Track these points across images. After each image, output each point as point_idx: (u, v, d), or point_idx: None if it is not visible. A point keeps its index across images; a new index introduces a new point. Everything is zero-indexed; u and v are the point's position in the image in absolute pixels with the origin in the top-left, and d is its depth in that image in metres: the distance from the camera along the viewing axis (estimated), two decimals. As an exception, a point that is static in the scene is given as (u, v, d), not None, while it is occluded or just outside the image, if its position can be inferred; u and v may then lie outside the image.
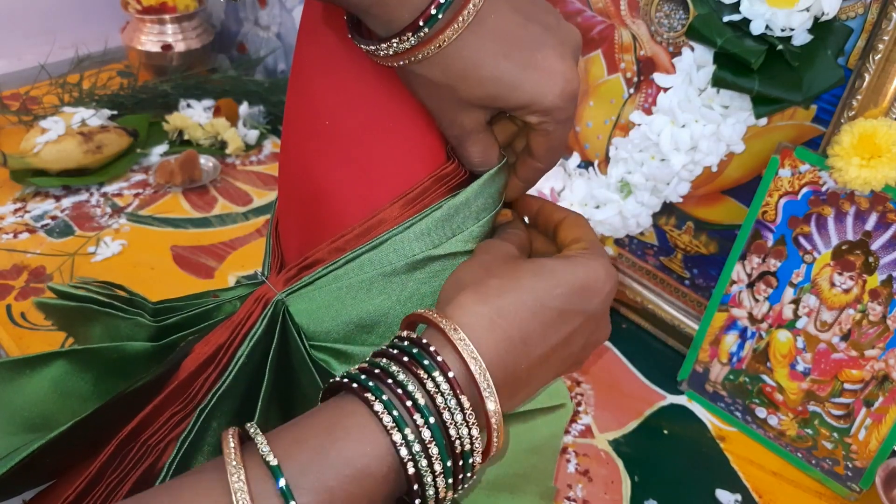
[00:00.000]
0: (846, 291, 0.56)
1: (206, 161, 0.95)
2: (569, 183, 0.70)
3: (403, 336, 0.33)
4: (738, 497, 0.59)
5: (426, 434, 0.30)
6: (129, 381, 0.43)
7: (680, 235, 0.70)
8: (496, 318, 0.33)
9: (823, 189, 0.55)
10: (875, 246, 0.54)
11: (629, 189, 0.65)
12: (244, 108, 1.03)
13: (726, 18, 0.53)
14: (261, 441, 0.29)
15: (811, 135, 0.58)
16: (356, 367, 0.33)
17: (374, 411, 0.30)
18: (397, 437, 0.30)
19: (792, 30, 0.51)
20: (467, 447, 0.31)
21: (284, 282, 0.41)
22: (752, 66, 0.51)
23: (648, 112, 0.65)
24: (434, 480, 0.30)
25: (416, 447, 0.30)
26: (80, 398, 0.46)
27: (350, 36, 0.36)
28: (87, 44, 1.17)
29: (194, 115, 1.00)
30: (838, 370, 0.58)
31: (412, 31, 0.32)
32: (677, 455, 0.62)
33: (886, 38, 0.51)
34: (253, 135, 1.01)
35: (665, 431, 0.65)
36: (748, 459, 0.62)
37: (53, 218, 0.84)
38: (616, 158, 0.65)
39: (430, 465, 0.30)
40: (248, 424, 0.30)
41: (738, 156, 0.62)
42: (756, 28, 0.52)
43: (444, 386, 0.31)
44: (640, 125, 0.61)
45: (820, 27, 0.52)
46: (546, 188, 0.69)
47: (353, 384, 0.31)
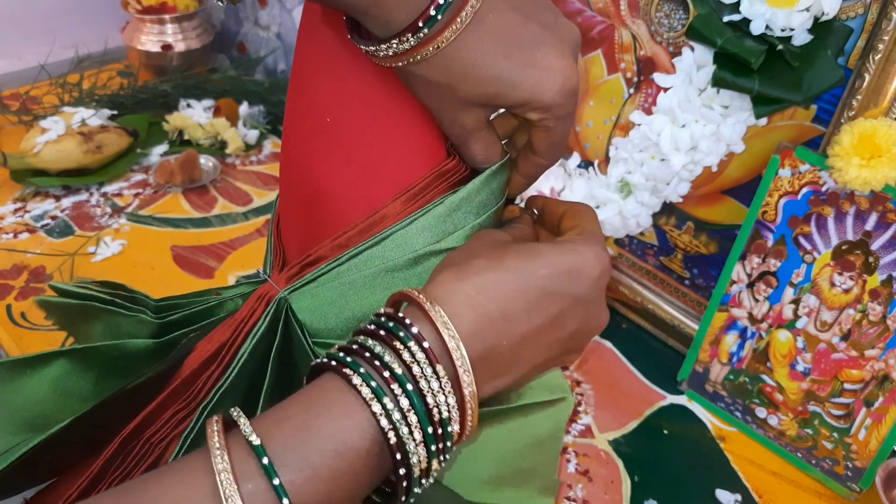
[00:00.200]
0: (846, 291, 0.56)
1: (206, 161, 0.95)
2: (569, 183, 0.70)
3: (381, 313, 0.34)
4: (738, 497, 0.59)
5: (404, 402, 0.30)
6: (131, 379, 0.43)
7: (680, 235, 0.70)
8: (474, 293, 0.33)
9: (823, 189, 0.56)
10: (875, 246, 0.54)
11: (629, 189, 0.65)
12: (244, 108, 1.03)
13: (726, 18, 0.54)
14: (244, 423, 0.29)
15: (811, 135, 0.58)
16: (336, 347, 0.33)
17: (353, 385, 0.30)
18: (377, 407, 0.30)
19: (792, 30, 0.51)
20: (445, 415, 0.31)
21: (286, 279, 0.42)
22: (752, 66, 0.52)
23: (648, 112, 0.65)
24: (416, 449, 0.31)
25: (396, 415, 0.30)
26: (80, 398, 0.46)
27: (349, 36, 0.36)
28: (87, 44, 1.17)
29: (194, 115, 1.00)
30: (838, 370, 0.58)
31: (411, 32, 0.32)
32: (677, 455, 0.62)
33: (886, 38, 0.51)
34: (253, 135, 1.01)
35: (665, 431, 0.65)
36: (748, 459, 0.62)
37: (53, 218, 0.84)
38: (616, 158, 0.65)
39: (410, 433, 0.30)
40: (232, 409, 0.30)
41: (738, 156, 0.62)
42: (756, 28, 0.52)
43: (419, 355, 0.31)
44: (640, 125, 0.61)
45: (820, 27, 0.52)
46: (546, 188, 0.69)
47: (333, 362, 0.32)
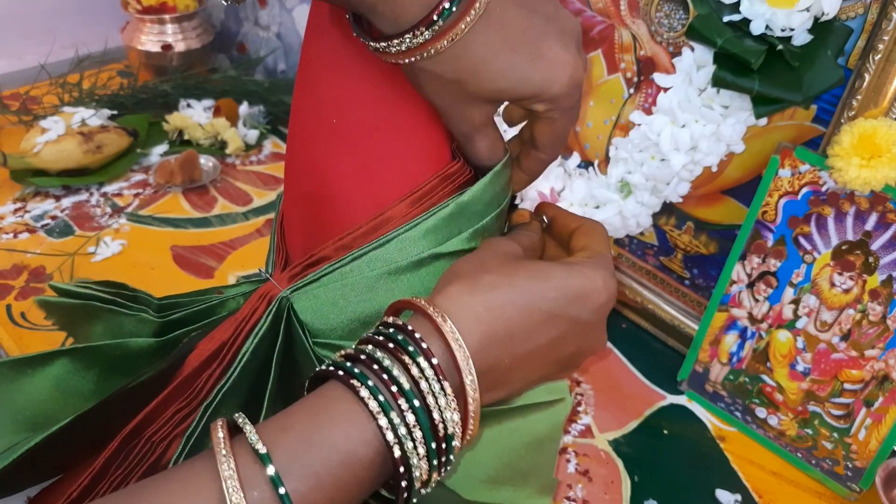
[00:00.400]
0: (846, 291, 0.56)
1: (206, 161, 0.95)
2: (569, 183, 0.70)
3: (389, 322, 0.34)
4: (738, 497, 0.59)
5: (411, 418, 0.31)
6: (132, 378, 0.43)
7: (680, 235, 0.70)
8: (482, 311, 0.33)
9: (823, 189, 0.56)
10: (875, 246, 0.54)
11: (629, 189, 0.65)
12: (244, 108, 1.03)
13: (726, 18, 0.54)
14: (249, 430, 0.30)
15: (811, 135, 0.59)
16: (341, 355, 0.33)
17: (360, 397, 0.30)
18: (383, 421, 0.30)
19: (792, 30, 0.51)
20: (450, 430, 0.32)
21: (289, 279, 0.42)
22: (752, 66, 0.52)
23: (648, 112, 0.65)
24: (419, 463, 0.31)
25: (402, 430, 0.30)
26: (82, 397, 0.46)
27: (355, 34, 0.36)
28: (87, 44, 1.17)
29: (194, 115, 1.00)
30: (838, 370, 0.58)
31: (426, 26, 0.32)
32: (677, 455, 0.62)
33: (886, 38, 0.51)
34: (253, 135, 1.01)
35: (665, 431, 0.65)
36: (748, 459, 0.63)
37: (53, 218, 0.84)
38: (616, 158, 0.65)
39: (414, 447, 0.31)
40: (237, 415, 0.31)
41: (738, 156, 0.62)
42: (756, 28, 0.52)
43: (428, 371, 0.31)
44: (640, 125, 0.61)
45: (820, 27, 0.52)
46: (546, 188, 0.69)
47: (339, 371, 0.32)
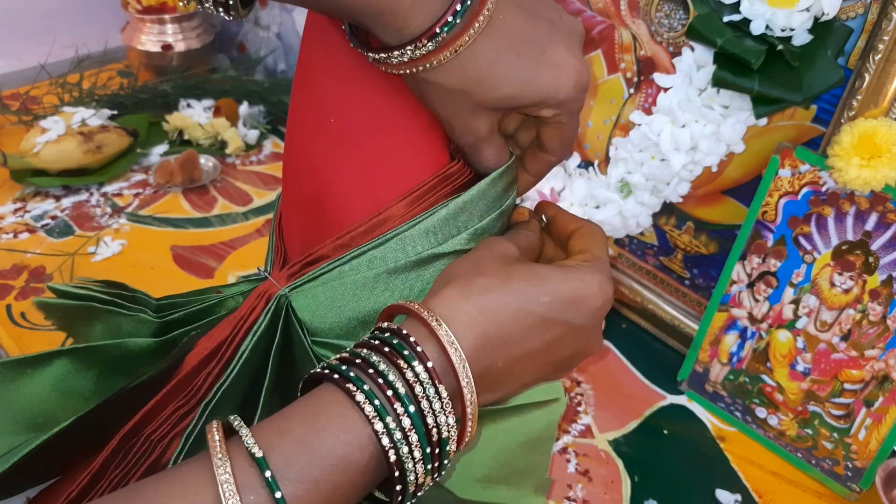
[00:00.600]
0: (846, 291, 0.56)
1: (206, 161, 0.95)
2: (569, 183, 0.70)
3: (384, 327, 0.34)
4: (738, 497, 0.59)
5: (406, 422, 0.31)
6: (132, 378, 0.43)
7: (680, 235, 0.70)
8: (476, 314, 0.33)
9: (823, 189, 0.56)
10: (875, 246, 0.54)
11: (629, 189, 0.65)
12: (244, 108, 1.03)
13: (726, 18, 0.54)
14: (245, 433, 0.30)
15: (811, 135, 0.58)
16: (336, 357, 0.33)
17: (356, 401, 0.30)
18: (379, 426, 0.30)
19: (792, 30, 0.51)
20: (445, 434, 0.32)
21: (287, 277, 0.42)
22: (752, 66, 0.52)
23: (648, 112, 0.65)
24: (414, 467, 0.31)
25: (398, 435, 0.30)
26: (81, 397, 0.46)
27: (352, 45, 0.36)
28: (87, 44, 1.17)
29: (194, 115, 1.00)
30: (838, 370, 0.58)
31: (428, 38, 0.32)
32: (677, 455, 0.62)
33: (886, 38, 0.51)
34: (253, 135, 1.01)
35: (665, 431, 0.65)
36: (748, 459, 0.62)
37: (53, 218, 0.84)
38: (616, 158, 0.65)
39: (410, 452, 0.31)
40: (232, 417, 0.31)
41: (738, 156, 0.62)
42: (756, 28, 0.52)
43: (423, 375, 0.31)
44: (640, 125, 0.61)
45: (820, 27, 0.52)
46: (546, 188, 0.69)
47: (335, 374, 0.32)
